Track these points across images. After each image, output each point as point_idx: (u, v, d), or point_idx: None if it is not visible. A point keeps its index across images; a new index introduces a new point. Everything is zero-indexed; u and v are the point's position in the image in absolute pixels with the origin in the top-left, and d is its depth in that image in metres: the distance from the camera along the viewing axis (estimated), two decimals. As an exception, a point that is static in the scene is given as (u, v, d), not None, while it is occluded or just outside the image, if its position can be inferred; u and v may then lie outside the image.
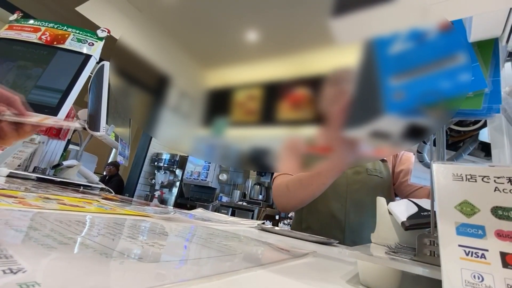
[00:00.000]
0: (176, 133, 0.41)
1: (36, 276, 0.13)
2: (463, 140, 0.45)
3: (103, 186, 1.11)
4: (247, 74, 0.36)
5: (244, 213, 2.99)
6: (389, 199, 0.77)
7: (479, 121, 0.40)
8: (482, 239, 0.16)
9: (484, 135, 0.42)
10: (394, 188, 0.82)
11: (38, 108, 0.79)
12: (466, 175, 0.17)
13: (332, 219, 0.74)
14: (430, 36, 0.30)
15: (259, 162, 0.36)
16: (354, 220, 0.73)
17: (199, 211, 0.82)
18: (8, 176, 0.85)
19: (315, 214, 0.78)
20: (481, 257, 0.15)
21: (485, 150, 0.46)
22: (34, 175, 0.96)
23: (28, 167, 1.08)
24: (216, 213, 0.88)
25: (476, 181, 0.17)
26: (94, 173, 1.20)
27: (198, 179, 3.51)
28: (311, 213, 0.79)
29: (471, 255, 0.16)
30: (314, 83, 0.32)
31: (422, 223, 0.31)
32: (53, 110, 0.79)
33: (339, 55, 0.30)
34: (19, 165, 1.01)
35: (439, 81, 0.28)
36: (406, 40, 0.29)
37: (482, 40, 0.27)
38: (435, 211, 0.24)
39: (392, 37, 0.28)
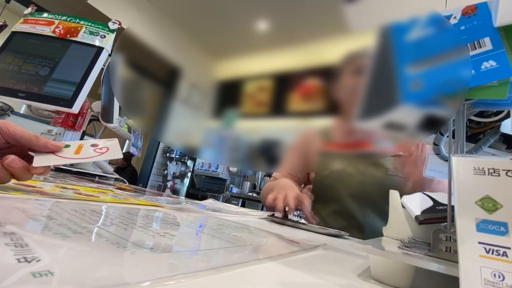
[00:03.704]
0: (187, 125, 0.41)
1: (49, 265, 0.13)
2: (483, 132, 0.43)
3: (118, 176, 1.14)
4: (257, 65, 0.35)
5: (254, 204, 3.01)
6: None
7: (501, 111, 0.37)
8: (505, 236, 0.15)
9: (507, 127, 0.40)
10: None
11: (54, 100, 0.81)
12: (488, 169, 0.16)
13: (352, 220, 0.72)
14: (450, 22, 0.29)
15: (269, 154, 0.36)
16: (374, 221, 0.71)
17: (210, 202, 0.83)
18: (27, 166, 0.89)
19: (334, 215, 0.75)
20: (502, 255, 0.15)
21: (507, 142, 0.44)
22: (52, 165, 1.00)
23: (46, 158, 1.12)
24: (226, 204, 0.88)
25: (499, 175, 0.16)
26: (109, 163, 1.23)
27: (209, 170, 3.55)
28: (330, 214, 0.76)
29: (492, 253, 0.15)
30: (326, 73, 0.31)
31: (437, 218, 0.30)
32: (68, 102, 0.81)
33: (353, 43, 0.29)
34: (37, 156, 1.04)
35: (459, 70, 0.26)
36: (425, 26, 0.27)
37: (509, 25, 0.25)
38: (452, 206, 0.23)
39: (409, 22, 0.27)
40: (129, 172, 3.44)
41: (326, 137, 0.32)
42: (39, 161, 0.32)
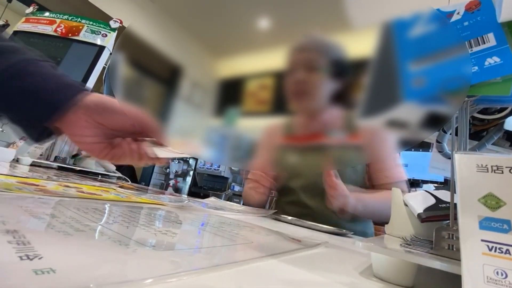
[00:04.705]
0: (188, 124, 0.41)
1: (51, 262, 0.13)
2: (486, 129, 0.43)
3: (120, 175, 1.15)
4: (259, 63, 0.35)
5: (256, 202, 3.01)
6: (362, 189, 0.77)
7: (505, 108, 0.37)
8: (508, 234, 0.15)
9: (510, 124, 0.40)
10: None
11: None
12: (491, 166, 0.16)
13: (306, 208, 0.75)
14: (453, 18, 0.28)
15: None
16: (327, 210, 0.73)
17: (212, 200, 0.83)
18: (31, 165, 0.89)
19: (292, 205, 0.80)
20: (505, 253, 0.15)
21: (510, 139, 0.44)
22: (55, 164, 1.00)
23: (50, 156, 1.12)
24: (228, 202, 0.89)
25: (502, 173, 0.15)
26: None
27: (211, 168, 3.56)
28: (288, 203, 0.81)
29: (495, 251, 0.15)
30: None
31: (440, 216, 0.30)
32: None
33: (355, 39, 0.29)
34: (41, 155, 1.05)
35: (462, 66, 0.26)
36: (428, 21, 0.27)
37: (513, 20, 0.25)
38: (455, 203, 0.23)
39: (412, 18, 0.27)
40: (127, 170, 3.41)
41: (288, 131, 0.33)
42: (159, 152, 0.38)
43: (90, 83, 0.85)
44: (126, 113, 0.35)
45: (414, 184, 2.23)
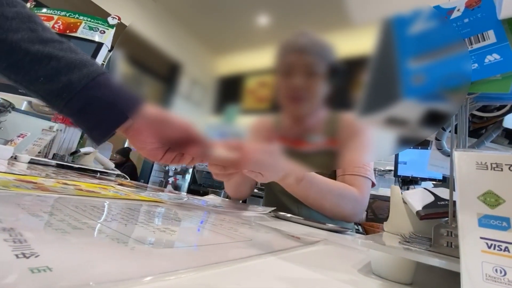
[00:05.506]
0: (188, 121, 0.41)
1: (48, 260, 0.13)
2: (485, 127, 0.43)
3: (119, 172, 1.15)
4: (259, 60, 0.35)
5: (255, 199, 3.02)
6: None
7: (504, 106, 0.37)
8: (507, 231, 0.15)
9: (509, 121, 0.40)
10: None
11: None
12: (491, 164, 0.16)
13: (287, 210, 0.74)
14: (453, 14, 0.28)
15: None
16: (309, 211, 0.74)
17: (211, 198, 0.83)
18: (29, 162, 0.89)
19: (278, 207, 0.79)
20: (504, 250, 0.15)
21: (509, 137, 0.44)
22: (54, 162, 1.00)
23: (48, 154, 1.12)
24: (227, 199, 0.89)
25: (502, 170, 0.15)
26: (110, 159, 1.23)
27: (210, 166, 3.56)
28: (271, 205, 0.81)
29: (494, 248, 0.15)
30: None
31: (438, 213, 0.30)
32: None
33: (355, 36, 0.29)
34: (39, 152, 1.05)
35: (462, 63, 0.26)
36: (428, 18, 0.27)
37: (513, 17, 0.25)
38: (454, 201, 0.23)
39: (412, 15, 0.26)
40: (128, 168, 3.39)
41: (276, 129, 0.33)
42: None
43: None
44: (178, 127, 0.37)
45: (412, 181, 2.24)
